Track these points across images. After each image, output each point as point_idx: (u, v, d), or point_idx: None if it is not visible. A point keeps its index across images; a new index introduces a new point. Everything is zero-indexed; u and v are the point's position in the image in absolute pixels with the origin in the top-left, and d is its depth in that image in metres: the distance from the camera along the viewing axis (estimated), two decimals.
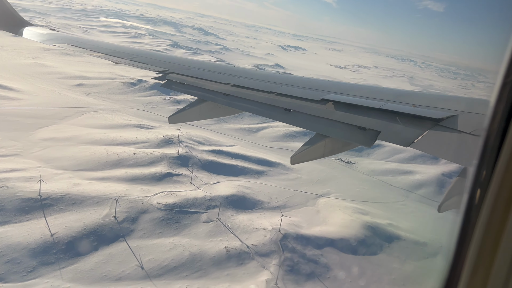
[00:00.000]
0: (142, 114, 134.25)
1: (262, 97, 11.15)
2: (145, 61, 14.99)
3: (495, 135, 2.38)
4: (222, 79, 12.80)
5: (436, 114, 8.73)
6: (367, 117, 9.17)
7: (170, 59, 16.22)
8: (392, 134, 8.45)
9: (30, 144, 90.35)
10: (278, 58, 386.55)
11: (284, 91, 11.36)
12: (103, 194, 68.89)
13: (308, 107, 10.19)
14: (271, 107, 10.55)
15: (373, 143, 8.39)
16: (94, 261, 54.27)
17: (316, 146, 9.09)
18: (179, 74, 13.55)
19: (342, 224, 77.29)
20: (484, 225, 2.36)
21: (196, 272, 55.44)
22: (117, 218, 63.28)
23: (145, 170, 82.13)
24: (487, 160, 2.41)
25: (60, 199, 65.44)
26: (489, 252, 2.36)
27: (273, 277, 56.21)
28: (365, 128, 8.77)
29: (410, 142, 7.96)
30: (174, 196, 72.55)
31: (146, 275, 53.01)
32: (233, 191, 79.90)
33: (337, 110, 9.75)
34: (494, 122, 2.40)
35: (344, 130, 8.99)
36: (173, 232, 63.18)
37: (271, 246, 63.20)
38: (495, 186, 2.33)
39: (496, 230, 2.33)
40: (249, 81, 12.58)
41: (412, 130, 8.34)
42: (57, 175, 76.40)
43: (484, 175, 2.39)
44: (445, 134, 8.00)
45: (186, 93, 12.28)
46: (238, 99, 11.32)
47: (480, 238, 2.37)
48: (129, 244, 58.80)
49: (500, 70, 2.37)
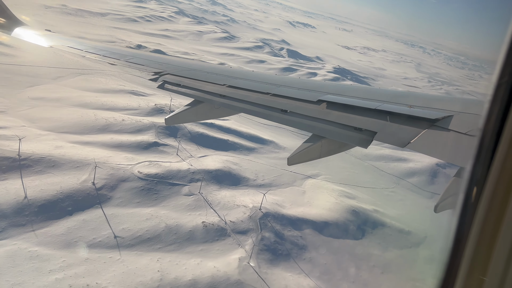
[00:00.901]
0: (138, 81, 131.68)
1: (258, 98, 11.14)
2: (141, 62, 14.97)
3: (490, 135, 2.42)
4: (218, 80, 12.76)
5: (432, 114, 8.80)
6: (363, 118, 9.24)
7: (166, 60, 16.29)
8: (388, 134, 8.50)
9: (18, 102, 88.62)
10: (285, 34, 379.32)
11: (280, 92, 11.35)
12: (84, 159, 67.56)
13: (304, 108, 10.23)
14: (268, 108, 10.55)
15: (370, 144, 8.50)
16: (67, 226, 53.35)
17: (313, 147, 9.14)
18: (175, 75, 13.52)
19: (326, 207, 76.25)
20: (480, 224, 2.40)
21: (170, 245, 54.60)
22: (96, 184, 62.12)
23: (131, 138, 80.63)
24: (482, 160, 2.45)
25: (40, 160, 64.13)
26: (485, 251, 2.38)
27: (247, 255, 55.40)
28: (362, 129, 8.82)
29: (406, 142, 8.03)
30: (157, 167, 71.24)
31: (118, 244, 52.17)
32: (219, 166, 78.58)
33: (333, 111, 9.82)
34: (489, 123, 2.43)
35: (340, 131, 9.05)
36: (152, 203, 62.13)
37: (250, 224, 62.23)
38: (490, 186, 2.37)
39: (492, 229, 2.36)
40: (245, 82, 12.52)
41: (408, 131, 8.41)
42: (40, 136, 74.99)
43: (480, 174, 2.43)
44: (441, 134, 8.08)
45: (182, 94, 12.24)
46: (234, 100, 11.28)
47: (476, 237, 2.41)
48: (105, 211, 57.81)
49: (495, 71, 2.41)
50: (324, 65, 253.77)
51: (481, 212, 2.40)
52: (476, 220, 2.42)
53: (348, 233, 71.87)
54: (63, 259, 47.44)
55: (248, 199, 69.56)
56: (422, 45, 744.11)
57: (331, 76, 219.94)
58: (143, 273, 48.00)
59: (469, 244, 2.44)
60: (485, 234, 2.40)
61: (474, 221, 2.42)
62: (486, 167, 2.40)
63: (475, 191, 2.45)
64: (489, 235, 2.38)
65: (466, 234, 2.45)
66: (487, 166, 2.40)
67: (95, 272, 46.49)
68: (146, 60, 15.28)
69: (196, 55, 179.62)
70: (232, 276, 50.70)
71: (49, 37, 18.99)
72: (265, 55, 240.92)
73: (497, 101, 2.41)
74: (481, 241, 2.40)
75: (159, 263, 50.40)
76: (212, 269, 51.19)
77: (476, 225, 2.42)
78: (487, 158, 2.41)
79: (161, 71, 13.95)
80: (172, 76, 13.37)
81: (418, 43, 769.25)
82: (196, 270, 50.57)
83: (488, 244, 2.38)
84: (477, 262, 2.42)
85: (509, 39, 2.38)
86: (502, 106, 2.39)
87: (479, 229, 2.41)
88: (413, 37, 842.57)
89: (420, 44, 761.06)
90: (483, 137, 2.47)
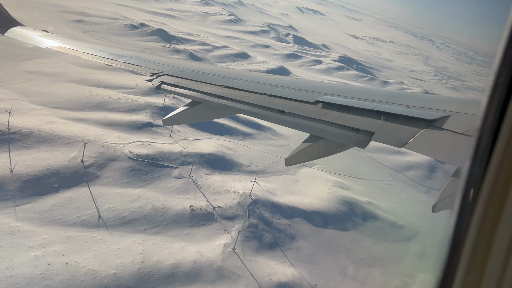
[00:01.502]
0: None
1: (256, 99, 11.12)
2: (139, 63, 14.98)
3: (487, 135, 2.43)
4: (216, 81, 12.72)
5: (429, 115, 8.84)
6: (361, 119, 9.27)
7: (164, 61, 16.25)
8: (386, 135, 8.54)
9: (13, 75, 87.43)
10: (293, 20, 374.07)
11: (278, 92, 11.34)
12: (75, 136, 66.62)
13: (302, 108, 10.24)
14: (265, 108, 10.56)
15: (367, 144, 8.53)
16: (51, 203, 52.66)
17: (311, 148, 9.16)
18: (172, 76, 13.48)
19: (318, 196, 75.32)
20: (477, 224, 2.42)
21: (155, 227, 53.92)
22: (84, 162, 61.29)
23: (125, 117, 79.57)
24: (480, 160, 2.46)
25: (29, 135, 63.24)
26: (483, 251, 2.41)
27: (232, 242, 54.68)
28: (359, 130, 8.85)
29: (404, 143, 8.08)
30: (149, 147, 70.27)
31: (102, 224, 51.52)
32: (213, 150, 77.55)
33: (331, 111, 9.85)
34: (486, 123, 2.45)
35: (338, 132, 9.09)
36: (140, 184, 61.33)
37: (238, 210, 61.42)
38: (488, 186, 2.39)
39: (489, 229, 2.38)
40: (243, 83, 12.49)
41: (405, 131, 8.44)
42: (33, 110, 74.04)
43: (477, 174, 2.44)
44: (438, 134, 8.12)
45: (180, 95, 12.34)
46: (232, 101, 11.25)
47: (474, 237, 2.43)
48: (92, 190, 57.08)
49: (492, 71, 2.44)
50: (330, 53, 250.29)
51: (479, 212, 2.40)
52: (473, 220, 2.42)
53: (339, 224, 71.01)
54: (44, 236, 46.83)
55: (239, 185, 68.66)
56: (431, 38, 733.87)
57: (336, 65, 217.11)
58: (125, 254, 47.39)
59: (467, 244, 2.43)
60: (483, 234, 2.40)
61: (471, 221, 2.42)
62: (483, 167, 2.41)
63: (472, 191, 2.45)
64: (487, 235, 2.38)
65: (464, 234, 2.45)
66: (484, 166, 2.40)
67: (75, 251, 45.89)
68: (143, 61, 15.29)
69: (199, 37, 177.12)
70: (215, 262, 50.06)
71: (46, 38, 18.48)
72: (270, 40, 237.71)
73: (494, 102, 2.41)
74: (479, 241, 2.40)
75: (142, 245, 49.77)
76: (195, 254, 50.55)
77: (473, 225, 2.42)
78: (484, 158, 2.41)
79: (158, 72, 13.91)
80: (169, 77, 13.34)
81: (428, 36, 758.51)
82: (179, 254, 49.94)
83: (486, 244, 2.38)
84: (475, 262, 2.42)
85: (506, 39, 2.35)
86: (498, 107, 2.38)
87: (476, 229, 2.41)
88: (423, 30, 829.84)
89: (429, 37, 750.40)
90: (480, 137, 2.47)
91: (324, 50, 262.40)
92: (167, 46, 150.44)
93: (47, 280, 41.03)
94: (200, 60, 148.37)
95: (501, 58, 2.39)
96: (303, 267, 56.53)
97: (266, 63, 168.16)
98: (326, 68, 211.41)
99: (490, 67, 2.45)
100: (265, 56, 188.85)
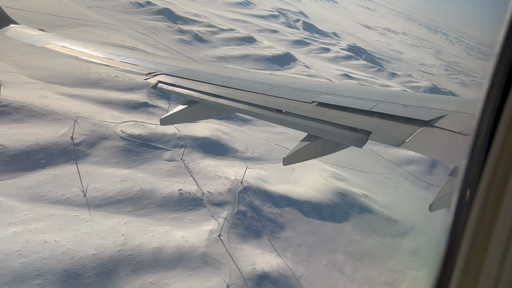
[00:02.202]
0: (141, 38, 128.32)
1: (253, 98, 11.09)
2: (136, 62, 14.87)
3: (484, 135, 2.44)
4: (213, 80, 12.66)
5: (426, 114, 8.89)
6: (358, 118, 9.30)
7: (161, 60, 16.24)
8: (383, 134, 8.57)
9: (11, 47, 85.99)
10: (304, 6, 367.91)
11: (275, 92, 11.31)
12: (68, 112, 65.52)
13: (299, 108, 10.25)
14: (263, 108, 10.51)
15: (365, 144, 8.59)
16: (36, 179, 51.78)
17: (308, 147, 9.18)
18: (169, 75, 13.41)
19: (312, 187, 73.98)
20: (474, 223, 2.43)
21: (141, 209, 53.00)
22: (74, 139, 60.24)
23: (121, 95, 78.27)
24: (476, 159, 2.47)
25: (21, 109, 62.19)
26: (480, 250, 2.42)
27: (219, 228, 53.68)
28: (357, 129, 8.90)
29: (401, 142, 8.10)
30: (142, 128, 69.05)
31: (86, 203, 50.64)
32: (208, 134, 76.17)
33: (328, 111, 9.88)
34: (483, 122, 2.46)
35: (335, 131, 9.13)
36: (130, 165, 60.28)
37: (228, 196, 60.29)
38: (484, 185, 2.40)
39: (486, 228, 2.39)
40: (240, 82, 12.47)
41: (403, 130, 8.46)
42: (28, 83, 72.94)
43: (474, 174, 2.45)
44: (435, 133, 8.13)
45: (177, 94, 12.39)
46: (229, 100, 11.26)
47: (471, 236, 2.44)
48: (79, 168, 56.13)
49: (488, 70, 2.44)
50: (339, 41, 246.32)
51: (476, 212, 2.40)
52: (470, 219, 2.42)
53: (331, 216, 69.76)
54: (25, 212, 46.02)
55: (232, 171, 67.44)
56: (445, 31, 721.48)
57: (344, 54, 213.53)
58: (107, 235, 46.55)
59: (464, 243, 2.43)
60: (479, 233, 2.39)
61: (468, 220, 2.42)
62: (480, 166, 2.41)
63: (469, 190, 2.45)
64: (484, 234, 2.38)
65: (461, 233, 2.45)
66: (481, 165, 2.40)
67: (56, 229, 45.08)
68: (140, 60, 15.22)
69: (206, 18, 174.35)
70: (199, 248, 49.15)
71: (42, 37, 18.13)
72: (278, 25, 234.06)
73: (490, 101, 2.41)
74: (476, 240, 2.40)
75: (125, 226, 48.89)
76: (179, 239, 49.64)
77: (470, 224, 2.41)
78: (481, 157, 2.41)
79: (156, 71, 13.86)
80: (166, 76, 13.26)
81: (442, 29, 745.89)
82: (163, 238, 49.05)
83: (483, 243, 2.38)
84: (472, 261, 2.42)
85: (502, 37, 2.35)
86: (495, 106, 2.38)
87: (473, 228, 2.41)
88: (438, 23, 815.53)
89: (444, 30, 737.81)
90: (477, 136, 2.47)
91: (333, 38, 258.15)
92: (172, 26, 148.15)
93: (23, 258, 40.29)
94: (204, 42, 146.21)
95: (498, 56, 2.35)
96: (290, 257, 55.53)
97: (272, 48, 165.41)
98: (334, 56, 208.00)
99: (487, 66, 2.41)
100: (272, 41, 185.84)
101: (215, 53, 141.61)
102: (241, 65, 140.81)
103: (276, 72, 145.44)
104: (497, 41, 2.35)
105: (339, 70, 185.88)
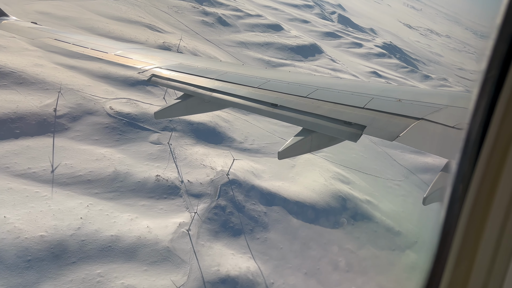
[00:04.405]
0: (162, 16, 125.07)
1: (248, 92, 11.02)
2: (130, 56, 14.69)
3: (477, 129, 2.45)
4: (207, 74, 12.53)
5: (421, 108, 8.91)
6: (353, 112, 9.34)
7: (156, 54, 15.90)
8: (377, 128, 8.57)
9: (21, 13, 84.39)
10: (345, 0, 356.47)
11: (270, 86, 11.31)
12: (58, 83, 62.89)
13: (294, 102, 10.26)
14: (258, 102, 10.50)
15: (359, 138, 8.68)
16: (6, 149, 49.27)
17: (303, 141, 9.14)
18: (164, 69, 13.21)
19: (310, 187, 68.92)
20: (467, 217, 2.45)
21: (110, 192, 49.69)
22: (57, 111, 57.49)
23: (120, 71, 75.04)
24: (469, 153, 2.48)
25: (9, 74, 59.96)
26: (472, 243, 2.45)
27: (190, 222, 49.76)
28: (351, 123, 8.87)
29: (395, 136, 8.05)
30: (134, 106, 65.71)
31: (51, 180, 47.71)
32: (205, 119, 72.08)
33: (323, 105, 9.92)
34: (476, 117, 2.47)
35: (330, 125, 9.16)
36: (110, 144, 57.08)
37: (209, 188, 56.20)
38: (477, 179, 2.41)
39: (479, 222, 2.42)
40: (235, 76, 12.38)
41: (397, 124, 8.45)
42: (26, 50, 70.80)
43: (467, 168, 2.47)
44: (429, 127, 8.11)
45: (171, 88, 12.31)
46: (224, 94, 11.18)
47: (464, 230, 2.46)
48: (55, 142, 53.32)
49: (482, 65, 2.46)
50: (374, 38, 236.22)
51: (468, 206, 2.42)
52: (463, 213, 2.44)
53: (324, 220, 64.62)
54: None
55: (221, 161, 63.19)
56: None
57: (377, 51, 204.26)
58: (63, 216, 43.44)
59: (456, 237, 2.45)
60: (472, 227, 2.42)
61: (461, 214, 2.44)
62: (472, 160, 2.41)
63: (461, 184, 2.46)
64: (476, 228, 2.41)
65: (454, 227, 2.46)
66: (473, 160, 2.40)
67: (10, 205, 42.30)
68: (135, 54, 15.01)
69: (235, 2, 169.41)
70: (162, 242, 45.41)
71: (34, 30, 17.60)
72: (312, 16, 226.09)
73: (484, 95, 2.42)
74: (468, 234, 2.43)
75: (87, 209, 45.67)
76: (143, 229, 46.06)
77: (463, 218, 2.44)
78: (474, 151, 2.41)
79: (150, 64, 13.64)
80: (161, 70, 13.07)
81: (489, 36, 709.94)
82: (125, 226, 45.58)
83: (475, 237, 2.41)
84: (464, 254, 2.45)
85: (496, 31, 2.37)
86: (488, 100, 2.39)
87: (466, 222, 2.43)
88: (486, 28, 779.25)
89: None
90: (470, 131, 2.47)
91: (369, 34, 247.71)
92: (197, 7, 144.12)
93: None
94: (227, 26, 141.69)
95: (491, 51, 2.37)
96: (266, 261, 51.09)
97: (298, 38, 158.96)
98: (366, 52, 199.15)
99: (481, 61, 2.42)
100: (301, 31, 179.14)
101: (236, 37, 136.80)
102: (262, 52, 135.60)
103: (298, 63, 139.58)
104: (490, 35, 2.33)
105: (369, 67, 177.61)
